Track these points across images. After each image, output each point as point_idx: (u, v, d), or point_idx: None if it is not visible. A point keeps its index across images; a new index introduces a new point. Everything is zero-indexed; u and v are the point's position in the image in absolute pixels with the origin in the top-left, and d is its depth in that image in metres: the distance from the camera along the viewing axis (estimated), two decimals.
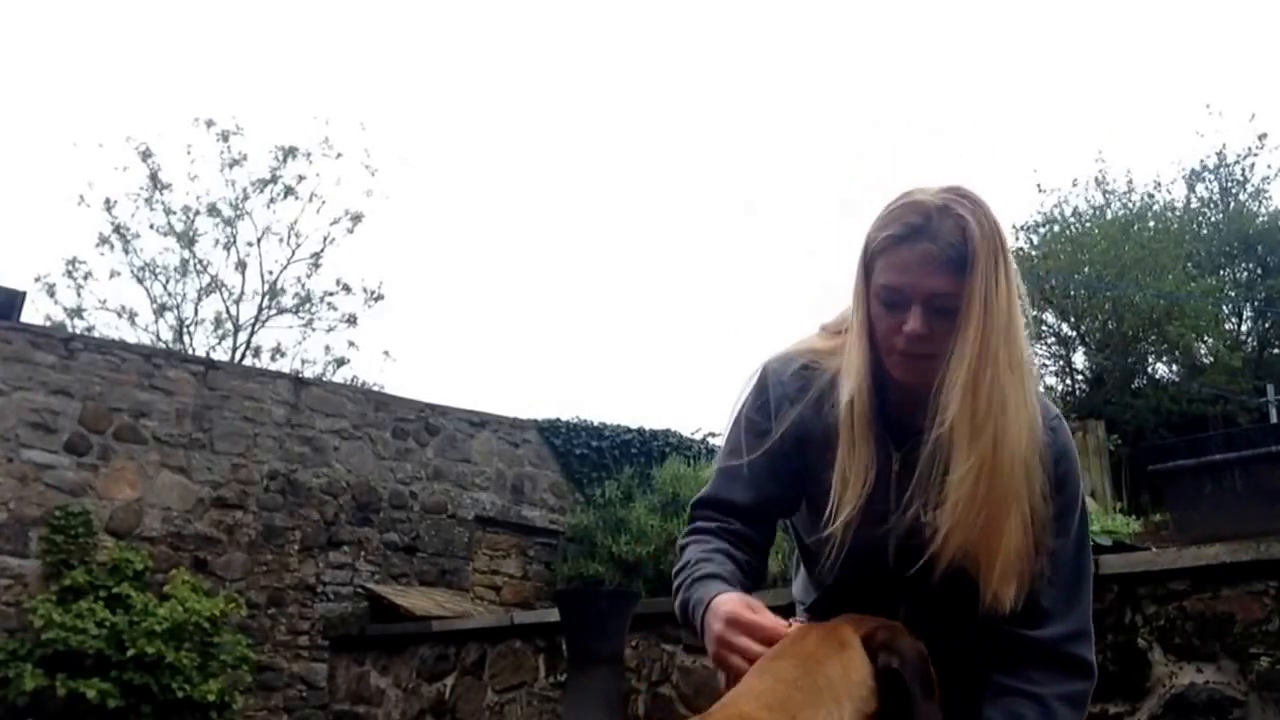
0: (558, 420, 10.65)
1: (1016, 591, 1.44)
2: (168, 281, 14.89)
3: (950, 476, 1.41)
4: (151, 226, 14.74)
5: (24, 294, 8.85)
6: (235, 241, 14.96)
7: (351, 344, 17.04)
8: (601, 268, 29.89)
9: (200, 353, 14.08)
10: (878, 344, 1.48)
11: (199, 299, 15.00)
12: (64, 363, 8.17)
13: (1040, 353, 13.04)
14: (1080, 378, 13.01)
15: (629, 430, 10.96)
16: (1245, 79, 26.67)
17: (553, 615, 6.04)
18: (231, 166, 14.92)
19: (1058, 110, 28.92)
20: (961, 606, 1.50)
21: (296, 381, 9.57)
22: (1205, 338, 12.07)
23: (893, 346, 1.46)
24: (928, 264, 1.41)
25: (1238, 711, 3.06)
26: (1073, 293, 12.10)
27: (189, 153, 15.02)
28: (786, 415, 1.58)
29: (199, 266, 14.95)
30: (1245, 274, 13.78)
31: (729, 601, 1.43)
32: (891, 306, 1.45)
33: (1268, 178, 14.35)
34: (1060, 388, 12.89)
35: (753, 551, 1.61)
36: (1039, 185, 18.07)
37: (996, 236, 1.42)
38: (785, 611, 1.53)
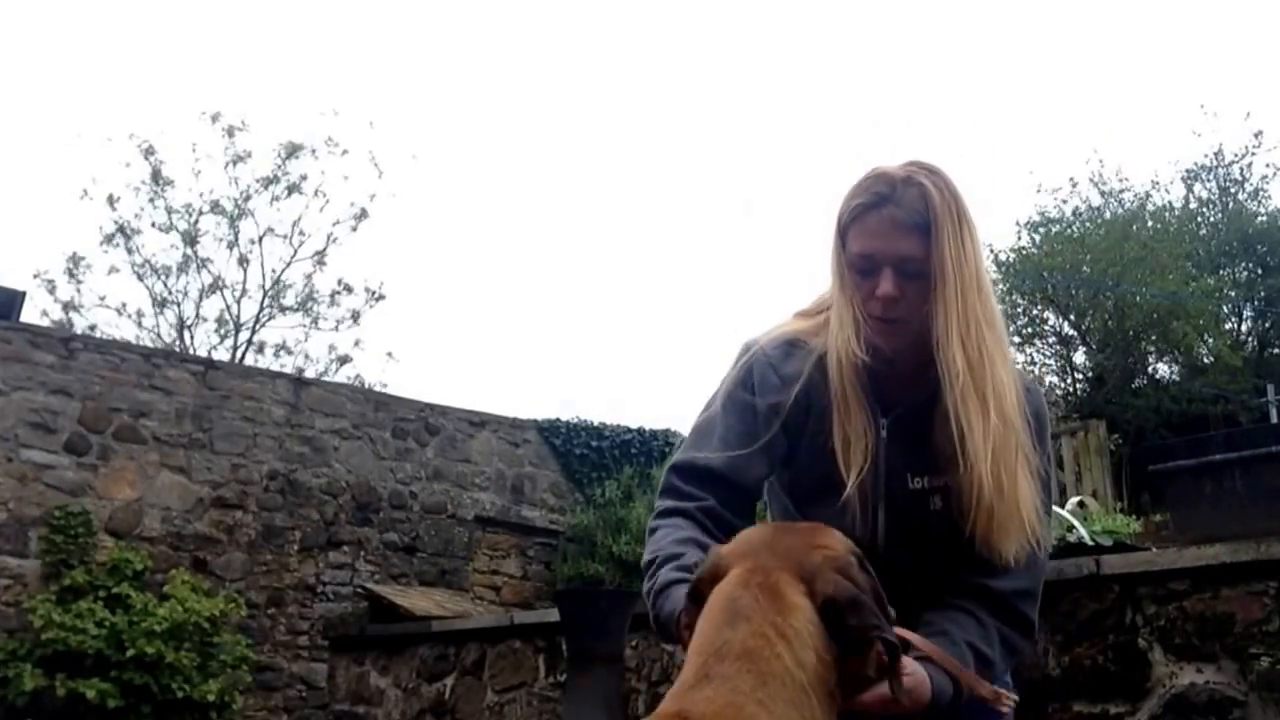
0: (558, 420, 10.65)
1: (1025, 540, 1.49)
2: (169, 279, 14.90)
3: (970, 438, 1.46)
4: (153, 224, 14.75)
5: (24, 294, 8.85)
6: (238, 239, 14.97)
7: (358, 343, 16.97)
8: (602, 267, 29.90)
9: (201, 351, 14.08)
10: (858, 313, 1.55)
11: (201, 297, 15.01)
12: (64, 362, 8.17)
13: (1041, 352, 13.05)
14: (1081, 377, 12.99)
15: (629, 430, 10.95)
16: (1240, 79, 26.67)
17: (553, 615, 6.04)
18: (235, 163, 14.91)
19: (1054, 110, 28.94)
20: (936, 577, 1.55)
21: (296, 381, 9.57)
22: (1206, 337, 12.06)
23: (870, 313, 1.52)
24: (894, 229, 1.49)
25: (1238, 712, 3.05)
26: (1074, 292, 12.09)
27: (194, 151, 15.02)
28: (775, 394, 1.60)
29: (200, 264, 14.95)
30: (1245, 274, 13.76)
31: None
32: (865, 274, 1.52)
33: (1266, 177, 14.35)
34: (1061, 387, 12.88)
35: (728, 533, 1.59)
36: (1039, 186, 18.10)
37: (956, 203, 1.50)
38: None
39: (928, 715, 1.42)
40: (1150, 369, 12.94)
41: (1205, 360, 12.35)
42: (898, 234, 1.49)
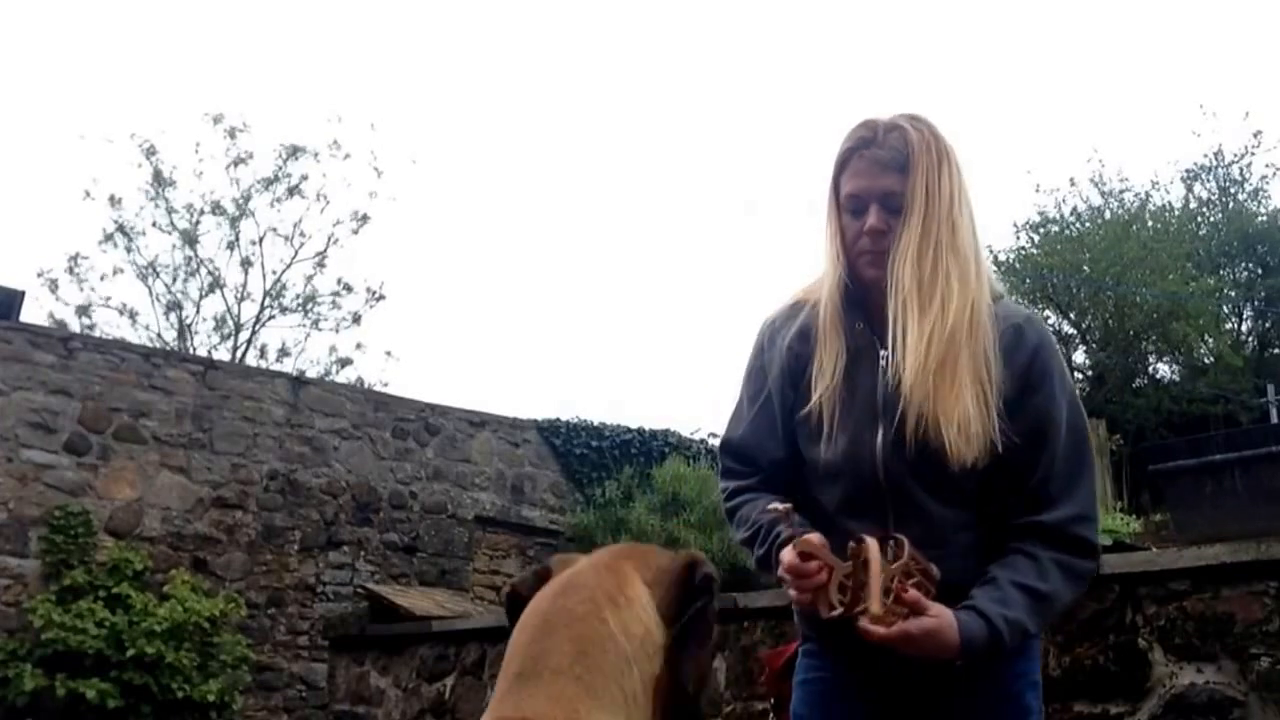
0: (558, 420, 10.64)
1: (978, 447, 1.55)
2: (172, 280, 14.89)
3: (907, 339, 1.56)
4: (154, 224, 14.73)
5: (23, 293, 8.84)
6: (239, 240, 14.96)
7: (359, 345, 17.01)
8: (602, 267, 29.91)
9: (202, 352, 14.06)
10: (849, 253, 1.67)
11: (201, 298, 14.99)
12: (64, 362, 8.17)
13: None
14: (1081, 377, 13.00)
15: (629, 430, 10.95)
16: (1240, 79, 26.68)
17: None
18: (236, 165, 14.90)
19: (1054, 110, 28.94)
20: (944, 514, 1.61)
21: (295, 381, 9.57)
22: (1206, 337, 12.06)
23: (861, 249, 1.65)
24: (877, 167, 1.62)
25: (1238, 712, 3.05)
26: (1074, 291, 12.10)
27: (197, 151, 15.01)
28: (776, 349, 1.74)
29: (201, 264, 14.93)
30: (1245, 274, 13.77)
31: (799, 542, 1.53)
32: (856, 213, 1.65)
33: (1266, 177, 14.35)
34: None
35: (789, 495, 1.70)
36: (1038, 186, 18.14)
37: (937, 143, 1.63)
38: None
39: (964, 663, 1.49)
40: (1150, 369, 12.95)
41: (1205, 360, 12.36)
42: (880, 171, 1.61)
